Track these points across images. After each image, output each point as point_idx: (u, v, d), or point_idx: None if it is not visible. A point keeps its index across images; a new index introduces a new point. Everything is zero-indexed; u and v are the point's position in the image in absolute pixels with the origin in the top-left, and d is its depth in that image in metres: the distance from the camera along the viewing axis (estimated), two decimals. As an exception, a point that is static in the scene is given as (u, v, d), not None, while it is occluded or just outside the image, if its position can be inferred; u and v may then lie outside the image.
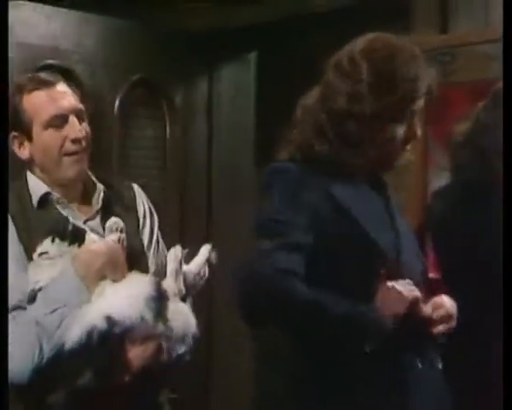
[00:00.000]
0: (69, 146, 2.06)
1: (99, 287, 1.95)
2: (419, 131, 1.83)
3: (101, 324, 1.89)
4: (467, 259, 2.21)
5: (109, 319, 1.90)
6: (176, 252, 2.10)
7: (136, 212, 2.19)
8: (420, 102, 1.81)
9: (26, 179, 2.12)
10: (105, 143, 3.14)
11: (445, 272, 2.26)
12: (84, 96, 2.19)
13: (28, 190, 2.10)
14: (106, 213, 2.12)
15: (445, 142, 2.59)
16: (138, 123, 3.38)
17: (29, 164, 2.12)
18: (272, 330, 1.81)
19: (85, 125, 2.11)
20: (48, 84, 2.10)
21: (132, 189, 2.25)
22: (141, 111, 3.37)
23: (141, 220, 2.18)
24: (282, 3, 3.19)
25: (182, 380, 2.21)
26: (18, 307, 1.94)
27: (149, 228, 2.19)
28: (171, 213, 3.46)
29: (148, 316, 1.92)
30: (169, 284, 2.06)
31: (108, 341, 1.90)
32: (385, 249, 1.81)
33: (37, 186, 2.10)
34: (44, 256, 1.97)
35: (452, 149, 2.36)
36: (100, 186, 2.15)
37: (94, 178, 2.16)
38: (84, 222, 2.09)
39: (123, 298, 1.94)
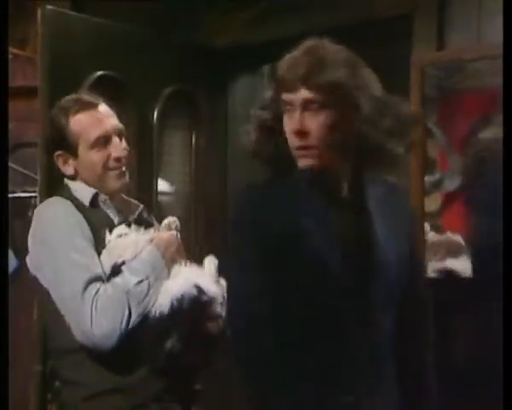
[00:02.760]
0: (112, 164, 2.20)
1: (173, 269, 2.12)
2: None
3: (192, 291, 2.08)
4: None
5: (198, 287, 2.09)
6: (212, 261, 2.23)
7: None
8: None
9: (68, 187, 2.24)
10: (146, 150, 3.37)
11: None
12: (129, 106, 2.33)
13: (73, 194, 2.22)
14: (139, 223, 2.24)
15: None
16: (169, 132, 3.56)
17: (73, 178, 2.23)
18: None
19: (124, 142, 2.24)
20: (91, 106, 2.22)
21: (145, 211, 2.36)
22: (172, 121, 3.56)
23: None
24: (290, 23, 3.38)
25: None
26: (100, 279, 2.07)
27: None
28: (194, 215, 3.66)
29: (220, 293, 2.10)
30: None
31: (197, 306, 2.08)
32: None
33: (84, 189, 2.22)
34: (123, 237, 2.13)
35: None
36: (137, 202, 2.31)
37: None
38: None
39: (202, 275, 2.13)
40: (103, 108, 2.25)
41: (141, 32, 3.38)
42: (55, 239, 2.12)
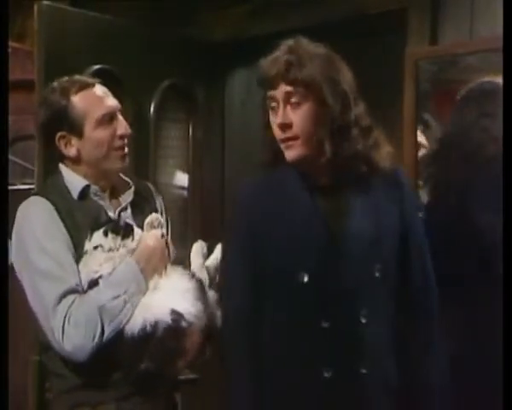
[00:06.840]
0: (117, 142, 2.16)
1: (152, 280, 2.04)
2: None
3: (167, 318, 1.99)
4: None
5: (175, 313, 2.00)
6: (201, 246, 2.21)
7: (155, 208, 2.29)
8: None
9: (62, 174, 2.19)
10: (143, 143, 3.38)
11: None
12: (126, 100, 2.30)
13: (64, 183, 2.17)
14: (135, 206, 2.22)
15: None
16: (167, 125, 3.59)
17: (74, 160, 2.17)
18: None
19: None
20: (90, 85, 2.17)
21: (149, 187, 2.36)
22: (169, 114, 3.59)
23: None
24: (286, 17, 3.43)
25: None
26: (75, 291, 2.02)
27: (165, 224, 2.27)
28: (191, 207, 3.68)
29: (201, 307, 2.04)
30: (201, 275, 2.15)
31: (174, 332, 1.99)
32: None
33: (76, 180, 2.17)
34: (99, 249, 2.04)
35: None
36: (130, 181, 2.25)
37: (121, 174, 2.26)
38: (119, 213, 2.18)
39: (181, 292, 2.03)
40: (100, 87, 2.21)
41: (138, 26, 3.40)
42: (31, 247, 2.06)
